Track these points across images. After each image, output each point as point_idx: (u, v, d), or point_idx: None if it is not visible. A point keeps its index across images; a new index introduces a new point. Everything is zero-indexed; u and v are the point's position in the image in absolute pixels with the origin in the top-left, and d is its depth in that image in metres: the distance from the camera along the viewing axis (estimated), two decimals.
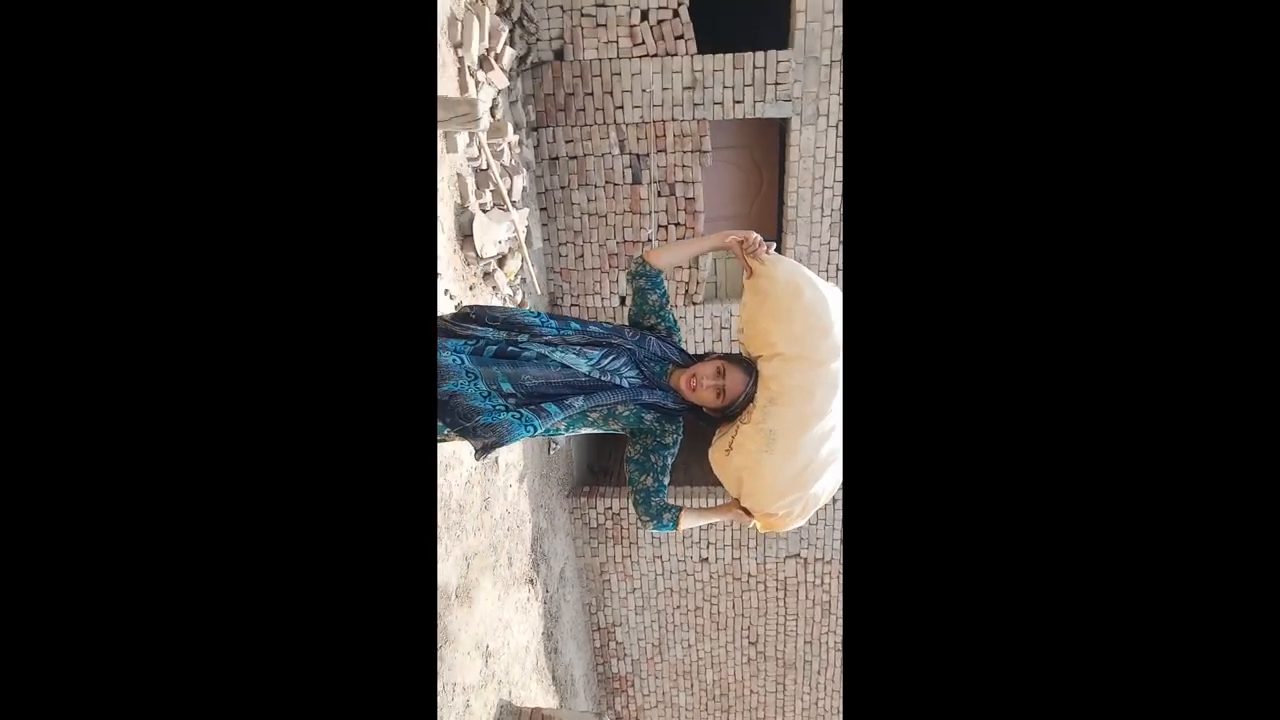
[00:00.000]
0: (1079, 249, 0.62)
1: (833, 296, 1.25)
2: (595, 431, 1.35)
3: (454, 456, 2.89)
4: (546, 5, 3.93)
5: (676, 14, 3.93)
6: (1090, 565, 0.61)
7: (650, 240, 4.38)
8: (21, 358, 0.56)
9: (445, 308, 2.82)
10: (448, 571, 2.89)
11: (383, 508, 0.67)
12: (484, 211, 3.24)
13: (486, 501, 3.39)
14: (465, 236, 3.13)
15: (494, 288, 3.44)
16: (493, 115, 3.35)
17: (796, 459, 1.20)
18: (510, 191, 3.50)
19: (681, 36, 3.96)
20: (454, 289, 2.99)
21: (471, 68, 3.08)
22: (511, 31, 3.66)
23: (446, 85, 2.94)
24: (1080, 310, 0.62)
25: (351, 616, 0.65)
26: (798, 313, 1.21)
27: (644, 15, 3.94)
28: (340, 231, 0.67)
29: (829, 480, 1.27)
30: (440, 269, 2.86)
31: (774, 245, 1.30)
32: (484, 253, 3.19)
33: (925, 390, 0.66)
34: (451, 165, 3.01)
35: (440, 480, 2.77)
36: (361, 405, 0.67)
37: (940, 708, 0.64)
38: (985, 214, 0.64)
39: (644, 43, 3.98)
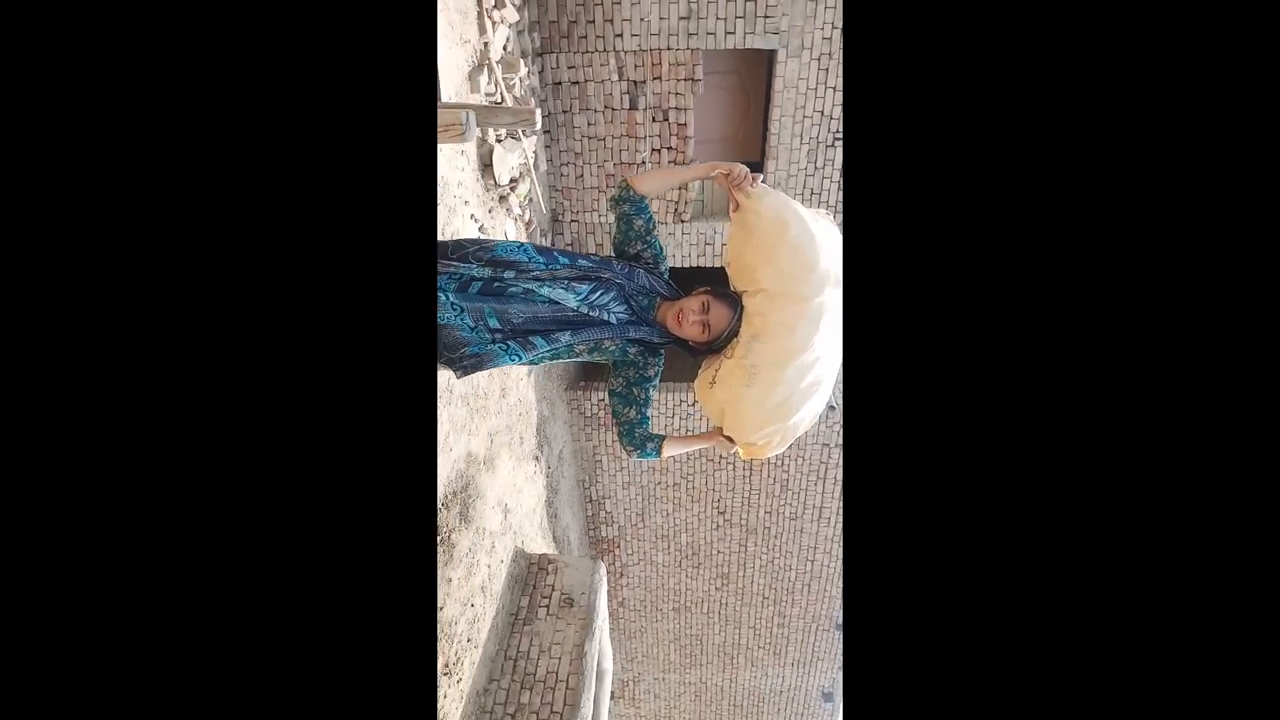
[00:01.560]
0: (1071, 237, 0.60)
1: (819, 229, 1.24)
2: (579, 361, 1.35)
3: None
4: None
5: None
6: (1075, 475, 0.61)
7: (644, 164, 4.81)
8: (17, 357, 0.56)
9: (472, 233, 3.36)
10: (477, 444, 3.62)
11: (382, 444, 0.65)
12: (498, 142, 3.68)
13: (503, 390, 4.09)
14: (485, 166, 3.60)
15: (508, 209, 3.94)
16: (505, 50, 3.70)
17: (776, 393, 1.22)
18: None
19: None
20: (478, 214, 3.51)
21: (489, 8, 3.41)
22: None
23: (469, 29, 3.29)
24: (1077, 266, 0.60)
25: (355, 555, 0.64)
26: (783, 249, 1.20)
27: None
28: (343, 178, 0.65)
29: (809, 410, 1.29)
30: (466, 198, 3.36)
31: (761, 177, 1.29)
32: (501, 180, 3.67)
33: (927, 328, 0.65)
34: (472, 102, 3.42)
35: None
36: (363, 343, 0.65)
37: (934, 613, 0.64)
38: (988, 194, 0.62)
39: None
